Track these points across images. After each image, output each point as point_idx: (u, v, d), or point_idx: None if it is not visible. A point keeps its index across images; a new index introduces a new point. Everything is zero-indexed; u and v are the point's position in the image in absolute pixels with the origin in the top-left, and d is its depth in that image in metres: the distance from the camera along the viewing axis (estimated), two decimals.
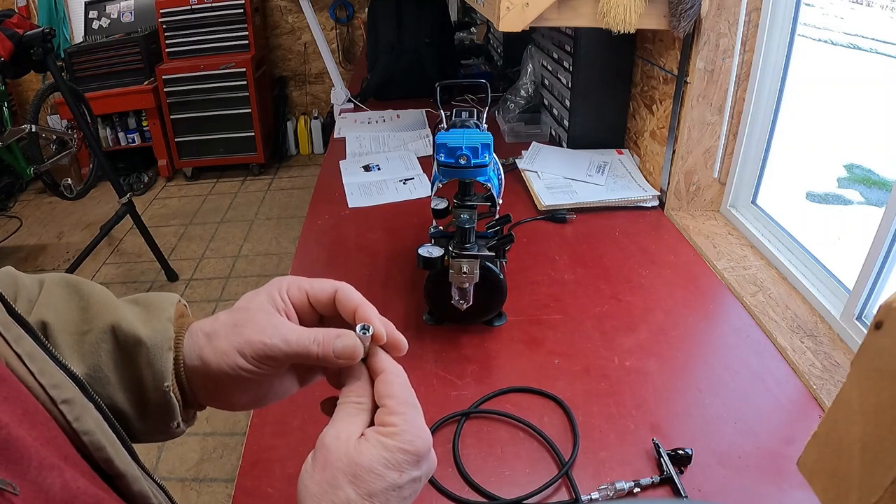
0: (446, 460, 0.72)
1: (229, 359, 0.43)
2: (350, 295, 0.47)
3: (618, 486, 0.66)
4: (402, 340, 0.46)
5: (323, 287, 0.47)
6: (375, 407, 0.42)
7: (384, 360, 0.45)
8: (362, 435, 0.39)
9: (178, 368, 0.44)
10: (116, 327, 0.43)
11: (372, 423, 0.41)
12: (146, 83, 3.77)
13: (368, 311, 0.46)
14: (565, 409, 0.79)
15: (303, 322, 0.47)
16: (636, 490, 0.67)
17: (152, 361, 0.43)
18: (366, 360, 0.44)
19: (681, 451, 0.69)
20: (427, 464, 0.40)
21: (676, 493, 0.66)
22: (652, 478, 0.68)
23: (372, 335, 0.44)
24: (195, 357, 0.44)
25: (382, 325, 0.45)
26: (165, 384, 0.43)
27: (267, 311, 0.44)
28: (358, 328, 0.44)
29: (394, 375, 0.44)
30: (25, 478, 0.29)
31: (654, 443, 0.71)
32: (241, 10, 3.79)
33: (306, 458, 0.39)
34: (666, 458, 0.69)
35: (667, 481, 0.68)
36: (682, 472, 0.69)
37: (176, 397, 0.44)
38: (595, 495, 0.66)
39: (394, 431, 0.39)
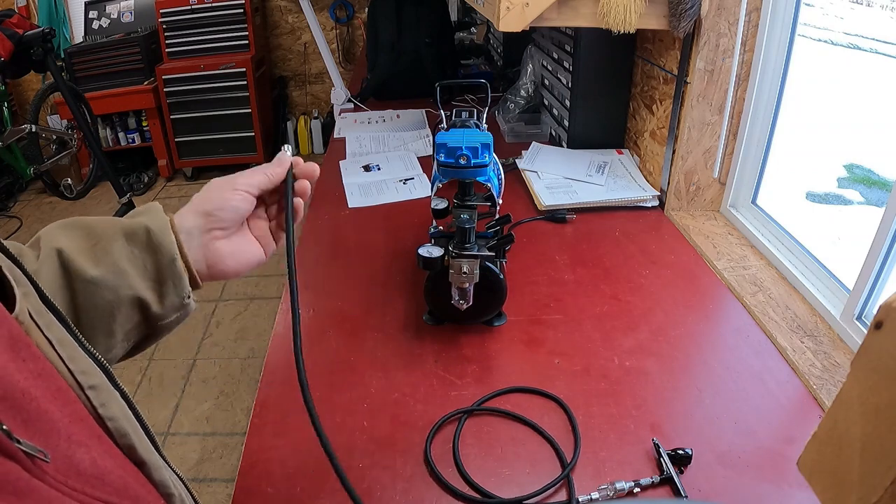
0: (446, 460, 0.72)
1: (222, 196, 0.59)
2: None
3: (618, 486, 0.66)
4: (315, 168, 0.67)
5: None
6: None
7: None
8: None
9: (179, 245, 0.55)
10: (125, 227, 0.53)
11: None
12: (146, 83, 3.77)
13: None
14: (566, 409, 0.79)
15: None
16: (636, 490, 0.67)
17: (160, 240, 0.54)
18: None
19: (681, 451, 0.69)
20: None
21: (676, 493, 0.66)
22: (652, 478, 0.68)
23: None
24: (191, 217, 0.57)
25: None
26: (174, 255, 0.54)
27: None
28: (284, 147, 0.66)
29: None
30: (56, 450, 0.30)
31: (654, 443, 0.71)
32: (241, 10, 3.78)
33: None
34: (666, 458, 0.69)
35: (667, 481, 0.68)
36: (682, 472, 0.69)
37: (182, 267, 0.55)
38: (595, 495, 0.66)
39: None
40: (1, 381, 0.28)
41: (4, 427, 0.27)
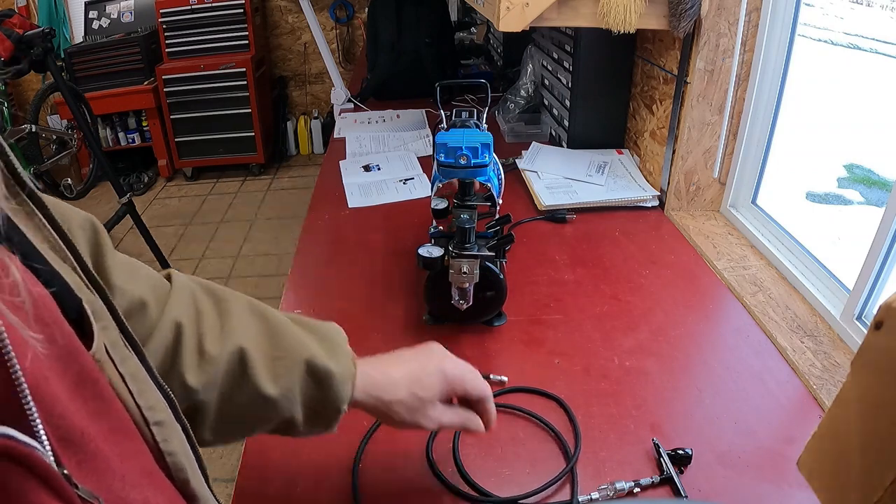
0: (446, 460, 0.72)
1: (398, 402, 0.59)
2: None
3: (618, 486, 0.66)
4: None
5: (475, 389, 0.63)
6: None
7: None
8: None
9: (353, 393, 0.57)
10: (310, 361, 0.54)
11: None
12: (146, 83, 3.77)
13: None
14: (565, 408, 0.79)
15: None
16: (636, 490, 0.67)
17: (338, 390, 0.55)
18: None
19: (681, 451, 0.69)
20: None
21: (676, 493, 0.66)
22: (652, 478, 0.68)
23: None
24: (366, 396, 0.58)
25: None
26: (344, 406, 0.56)
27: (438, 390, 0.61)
28: None
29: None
30: (110, 491, 0.31)
31: (654, 443, 0.71)
32: (241, 10, 3.79)
33: None
34: (666, 458, 0.69)
35: (667, 481, 0.68)
36: (682, 472, 0.69)
37: (345, 410, 0.57)
38: (595, 495, 0.66)
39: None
40: (63, 422, 0.28)
41: (66, 472, 0.27)
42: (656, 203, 1.31)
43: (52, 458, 0.26)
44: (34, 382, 0.27)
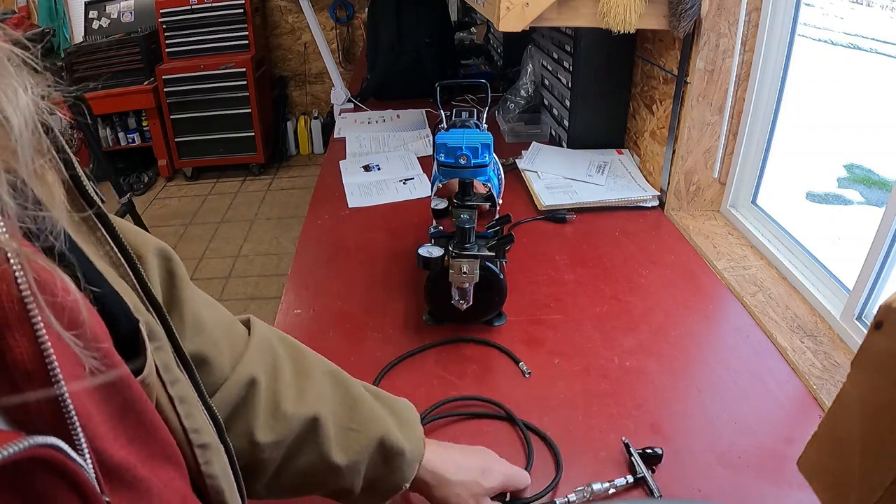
0: None
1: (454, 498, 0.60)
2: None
3: (594, 487, 0.66)
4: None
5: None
6: None
7: None
8: None
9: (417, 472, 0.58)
10: (384, 438, 0.55)
11: None
12: (146, 83, 3.77)
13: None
14: (544, 437, 0.79)
15: None
16: (611, 491, 0.66)
17: (404, 469, 0.56)
18: None
19: (650, 451, 0.69)
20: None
21: (650, 493, 0.66)
22: (626, 478, 0.67)
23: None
24: (428, 473, 0.59)
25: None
26: (406, 484, 0.57)
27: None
28: None
29: None
30: None
31: (624, 443, 0.72)
32: (241, 10, 3.78)
33: None
34: (637, 458, 0.69)
35: (641, 481, 0.68)
36: (653, 471, 0.69)
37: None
38: (572, 497, 0.66)
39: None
40: (104, 453, 0.28)
41: (107, 499, 0.27)
42: (656, 203, 1.31)
43: (95, 482, 0.26)
44: (80, 405, 0.26)
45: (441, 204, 0.95)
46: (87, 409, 0.27)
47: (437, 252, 0.85)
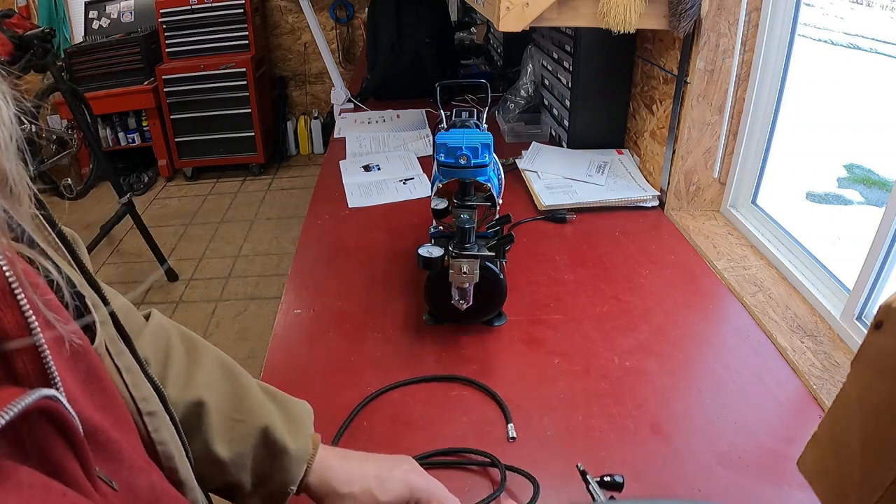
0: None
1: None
2: None
3: None
4: None
5: None
6: None
7: None
8: None
9: (305, 475, 0.55)
10: (268, 431, 0.53)
11: None
12: (146, 83, 3.77)
13: None
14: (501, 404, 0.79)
15: None
16: None
17: (290, 468, 0.54)
18: None
19: (608, 478, 0.65)
20: None
21: None
22: None
23: None
24: (324, 486, 0.55)
25: None
26: (292, 487, 0.54)
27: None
28: None
29: None
30: (119, 476, 0.32)
31: (581, 470, 0.66)
32: (241, 10, 3.78)
33: None
34: (595, 487, 0.64)
35: None
36: (613, 498, 0.65)
37: (293, 491, 0.55)
38: None
39: None
40: (82, 416, 0.30)
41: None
42: (656, 203, 1.31)
43: (82, 435, 0.28)
44: (58, 368, 0.29)
45: (441, 204, 0.95)
46: (62, 374, 0.29)
47: (437, 252, 0.85)
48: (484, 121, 1.01)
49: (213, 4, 3.75)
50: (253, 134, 3.95)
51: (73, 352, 0.32)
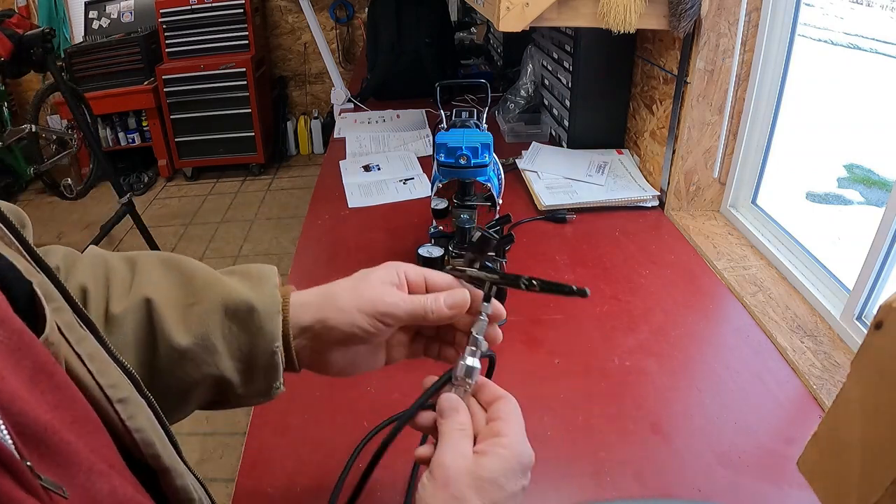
0: None
1: (349, 316, 0.48)
2: (464, 289, 0.52)
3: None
4: (503, 311, 0.52)
5: (443, 277, 0.53)
6: (474, 435, 0.47)
7: (498, 389, 0.50)
8: (478, 452, 0.44)
9: (286, 331, 0.49)
10: (226, 298, 0.47)
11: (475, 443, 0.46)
12: (146, 83, 3.77)
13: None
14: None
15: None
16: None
17: (263, 325, 0.47)
18: (472, 394, 0.50)
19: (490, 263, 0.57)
20: (529, 474, 0.46)
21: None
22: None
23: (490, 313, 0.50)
24: (309, 318, 0.49)
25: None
26: (276, 345, 0.48)
27: (385, 281, 0.51)
28: (483, 307, 0.50)
29: (508, 400, 0.49)
30: (74, 482, 0.30)
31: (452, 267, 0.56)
32: (241, 10, 3.79)
33: (421, 480, 0.44)
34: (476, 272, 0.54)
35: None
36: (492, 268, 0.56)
37: (281, 358, 0.49)
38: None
39: (509, 443, 0.44)
40: (24, 419, 0.28)
41: (28, 463, 0.27)
42: (656, 203, 1.31)
43: (13, 449, 0.26)
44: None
45: (441, 204, 0.95)
46: (0, 374, 0.27)
47: (437, 252, 0.85)
48: (484, 121, 1.01)
49: (213, 4, 3.76)
50: (253, 134, 3.96)
51: (12, 348, 0.29)
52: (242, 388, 0.49)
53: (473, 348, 0.48)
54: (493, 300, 0.50)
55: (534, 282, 0.51)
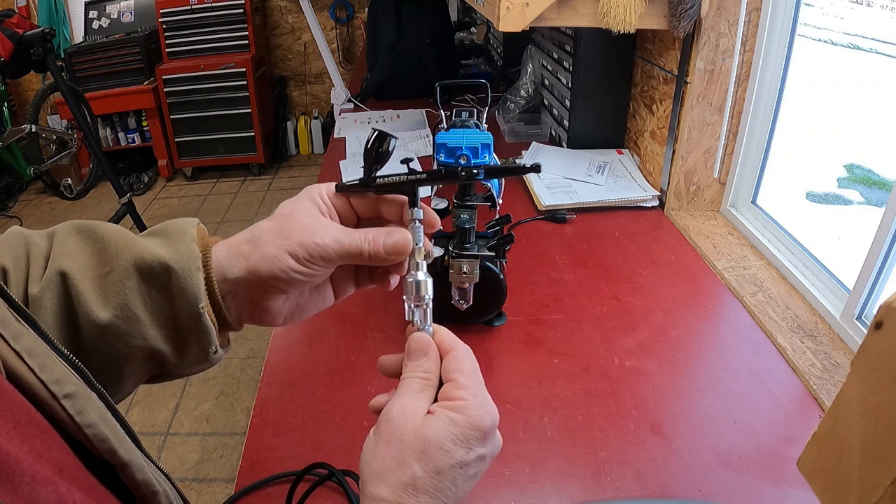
0: None
1: (280, 262, 0.43)
2: (405, 230, 0.47)
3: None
4: (436, 218, 0.47)
5: (366, 197, 0.48)
6: (440, 385, 0.42)
7: (453, 339, 0.45)
8: (429, 412, 0.39)
9: (212, 288, 0.44)
10: (139, 261, 0.42)
11: (436, 401, 0.41)
12: (146, 83, 3.77)
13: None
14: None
15: (343, 223, 0.47)
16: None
17: (183, 285, 0.42)
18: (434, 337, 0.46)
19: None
20: (493, 441, 0.40)
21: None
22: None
23: (423, 220, 0.45)
24: (238, 269, 0.44)
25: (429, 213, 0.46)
26: (200, 305, 0.42)
27: (312, 213, 0.45)
28: (413, 213, 0.45)
29: (462, 352, 0.44)
30: (17, 494, 0.28)
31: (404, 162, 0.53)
32: (241, 10, 3.79)
33: (368, 434, 0.39)
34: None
35: None
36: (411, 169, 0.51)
37: (211, 319, 0.44)
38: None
39: (462, 406, 0.39)
40: None
41: None
42: (656, 203, 1.31)
43: None
44: None
45: (441, 204, 0.95)
46: None
47: (437, 252, 0.85)
48: (484, 121, 1.01)
49: (213, 4, 3.76)
50: (253, 134, 3.96)
51: None
52: (175, 356, 0.44)
53: (417, 261, 0.45)
54: (420, 203, 0.45)
55: (475, 170, 0.44)
